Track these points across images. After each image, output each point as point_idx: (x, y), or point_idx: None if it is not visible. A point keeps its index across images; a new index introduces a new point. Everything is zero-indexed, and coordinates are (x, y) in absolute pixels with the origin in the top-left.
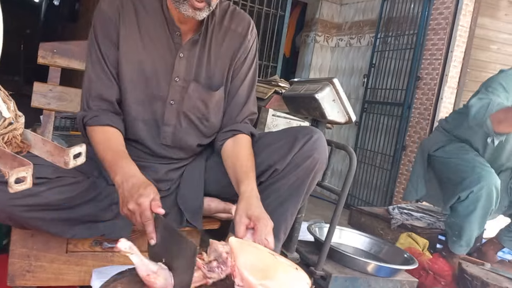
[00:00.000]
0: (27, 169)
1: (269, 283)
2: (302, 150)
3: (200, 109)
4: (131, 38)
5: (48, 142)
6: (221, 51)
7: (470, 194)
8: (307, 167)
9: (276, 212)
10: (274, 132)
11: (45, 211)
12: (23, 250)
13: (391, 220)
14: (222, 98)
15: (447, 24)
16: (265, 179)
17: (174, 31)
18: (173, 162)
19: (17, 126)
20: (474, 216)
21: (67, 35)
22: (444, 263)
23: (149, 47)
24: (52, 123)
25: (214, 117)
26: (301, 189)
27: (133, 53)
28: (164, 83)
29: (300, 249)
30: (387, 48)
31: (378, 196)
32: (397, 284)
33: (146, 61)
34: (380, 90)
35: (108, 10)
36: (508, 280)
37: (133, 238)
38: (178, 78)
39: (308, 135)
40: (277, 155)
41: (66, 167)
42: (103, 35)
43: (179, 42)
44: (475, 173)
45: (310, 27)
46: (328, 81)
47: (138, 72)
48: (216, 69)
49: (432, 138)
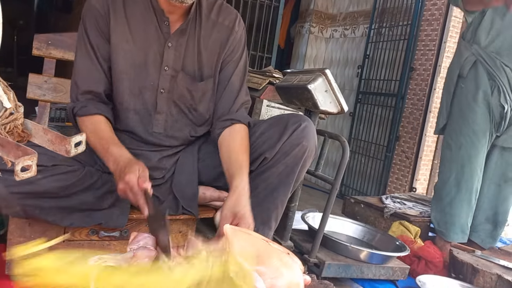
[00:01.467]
0: (32, 158)
1: (263, 269)
2: (291, 138)
3: (188, 99)
4: (120, 30)
5: (49, 131)
6: (209, 43)
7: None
8: (296, 155)
9: (266, 200)
10: (266, 120)
11: (42, 199)
12: (20, 239)
13: (384, 209)
14: (210, 89)
15: (441, 14)
16: (255, 168)
17: (163, 21)
18: (165, 149)
19: (18, 116)
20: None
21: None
22: (435, 250)
23: (138, 37)
24: (47, 114)
25: (201, 108)
26: (290, 177)
27: (123, 44)
28: (154, 72)
29: (294, 238)
30: (381, 39)
31: (372, 186)
32: (389, 270)
33: (136, 52)
34: (374, 81)
35: (97, 3)
36: (498, 267)
37: (129, 227)
38: (168, 67)
39: (297, 123)
40: (266, 144)
41: (68, 155)
42: (93, 28)
43: (168, 32)
44: (460, 176)
45: (304, 18)
46: (321, 72)
47: (129, 63)
48: (205, 61)
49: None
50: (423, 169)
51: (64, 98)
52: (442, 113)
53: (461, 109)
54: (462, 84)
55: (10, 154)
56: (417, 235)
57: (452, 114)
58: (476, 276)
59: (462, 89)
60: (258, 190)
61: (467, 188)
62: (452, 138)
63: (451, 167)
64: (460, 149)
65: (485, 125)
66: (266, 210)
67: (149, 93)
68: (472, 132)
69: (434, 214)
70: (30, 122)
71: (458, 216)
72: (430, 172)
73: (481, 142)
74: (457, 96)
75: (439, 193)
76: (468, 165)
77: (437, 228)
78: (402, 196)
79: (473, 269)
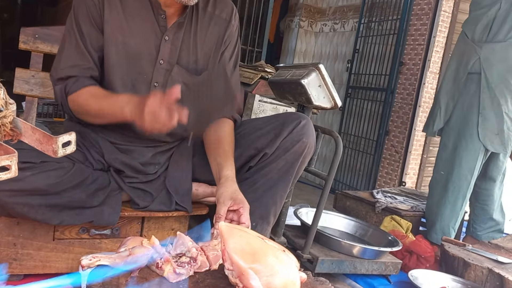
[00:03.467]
0: (11, 158)
1: (259, 267)
2: (292, 135)
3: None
4: (115, 21)
5: (37, 130)
6: (206, 37)
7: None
8: (296, 151)
9: (265, 196)
10: (262, 117)
11: (31, 196)
12: (9, 238)
13: (376, 204)
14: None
15: (430, 9)
16: (255, 163)
17: (160, 14)
18: (160, 145)
19: (7, 114)
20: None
21: (47, 19)
22: (427, 245)
23: (134, 29)
24: (35, 109)
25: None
26: (290, 173)
27: (118, 35)
28: (149, 65)
29: (287, 233)
30: (370, 34)
31: (361, 180)
32: (382, 265)
33: (131, 43)
34: (364, 76)
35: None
36: (488, 260)
37: (120, 225)
38: (163, 60)
39: (297, 120)
40: (265, 139)
41: (55, 155)
42: (85, 17)
43: (164, 25)
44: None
45: (294, 12)
46: (314, 67)
47: (122, 54)
48: (201, 54)
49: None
50: (413, 163)
51: (52, 93)
52: (439, 115)
53: (466, 109)
54: (469, 83)
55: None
56: (408, 229)
57: (454, 113)
58: (467, 270)
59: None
60: (257, 185)
61: (454, 191)
62: (450, 138)
63: (443, 167)
64: (454, 150)
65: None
66: (265, 205)
67: (143, 86)
68: (469, 136)
69: (425, 211)
70: (20, 121)
71: (440, 216)
72: (420, 166)
73: (476, 147)
74: (462, 95)
75: (430, 191)
76: (458, 168)
77: (427, 226)
78: (393, 191)
79: (464, 263)
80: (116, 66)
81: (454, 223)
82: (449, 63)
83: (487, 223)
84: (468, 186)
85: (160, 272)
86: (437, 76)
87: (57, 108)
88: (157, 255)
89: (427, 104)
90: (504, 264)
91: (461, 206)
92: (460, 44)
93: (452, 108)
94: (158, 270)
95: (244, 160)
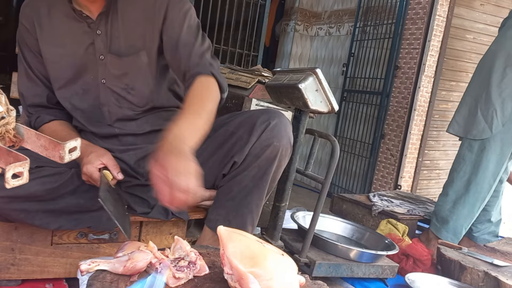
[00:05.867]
0: (23, 164)
1: (258, 270)
2: (261, 139)
3: (122, 79)
4: (48, 38)
5: (42, 136)
6: (134, 16)
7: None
8: (268, 157)
9: (241, 205)
10: (239, 114)
11: (28, 203)
12: (7, 243)
13: (372, 207)
14: (146, 62)
15: (425, 13)
16: (227, 171)
17: (83, 15)
18: (136, 148)
19: (10, 120)
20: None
21: None
22: (423, 248)
23: (68, 39)
24: None
25: (140, 84)
26: (264, 179)
27: (55, 50)
28: (93, 65)
29: (284, 237)
30: (366, 38)
31: (357, 184)
32: (379, 269)
33: (67, 54)
34: (359, 79)
35: (24, 21)
36: (484, 263)
37: (118, 230)
38: (103, 55)
39: (266, 122)
40: (237, 146)
41: (62, 161)
42: (24, 45)
43: (93, 21)
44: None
45: (289, 16)
46: (311, 71)
47: (63, 66)
48: (133, 35)
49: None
50: (408, 166)
51: None
52: (495, 117)
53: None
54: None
55: (1, 160)
56: (404, 233)
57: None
58: (463, 273)
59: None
60: (233, 193)
61: (475, 192)
62: (477, 140)
63: (467, 167)
64: (482, 151)
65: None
66: (241, 216)
67: (92, 88)
68: (501, 140)
69: (436, 208)
70: (22, 127)
71: (456, 216)
72: (415, 169)
73: (505, 153)
74: (504, 90)
75: (446, 189)
76: (483, 170)
77: (433, 221)
78: (389, 194)
79: (460, 266)
80: (62, 79)
81: (468, 225)
82: (495, 62)
83: (484, 224)
84: (489, 189)
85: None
86: (432, 80)
87: None
88: (156, 260)
89: (423, 108)
90: (500, 267)
91: (478, 208)
92: (510, 41)
93: (510, 109)
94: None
95: (219, 169)
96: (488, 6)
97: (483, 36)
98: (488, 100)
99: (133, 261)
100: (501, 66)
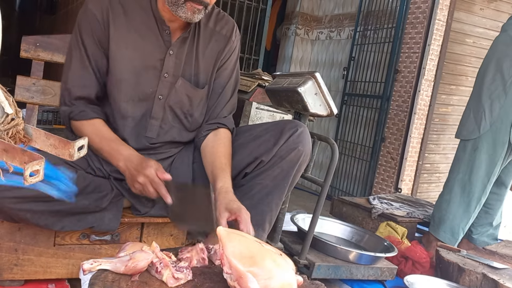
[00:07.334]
0: (40, 163)
1: (257, 270)
2: (288, 143)
3: (185, 104)
4: (121, 37)
5: (52, 136)
6: (207, 51)
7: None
8: (292, 160)
9: (261, 203)
10: (261, 124)
11: (34, 203)
12: (10, 244)
13: (372, 210)
14: (206, 96)
15: (425, 18)
16: (251, 170)
17: (164, 30)
18: (160, 152)
19: (19, 121)
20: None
21: (45, 27)
22: (422, 251)
23: (139, 45)
24: (35, 117)
25: (197, 114)
26: (285, 181)
27: (124, 51)
28: (154, 79)
29: (284, 239)
30: (366, 42)
31: (357, 187)
32: (378, 271)
33: (136, 59)
34: (360, 83)
35: (96, 11)
36: (483, 266)
37: (120, 231)
38: (168, 74)
39: (294, 128)
40: (263, 147)
41: (71, 159)
42: (89, 34)
43: (169, 40)
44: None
45: (290, 20)
46: (310, 75)
47: (128, 69)
48: (202, 68)
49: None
50: (408, 169)
51: (53, 100)
52: (483, 117)
53: (503, 113)
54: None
55: (15, 160)
56: (404, 235)
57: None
58: (462, 275)
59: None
60: (252, 192)
61: (470, 192)
62: (471, 140)
63: (460, 167)
64: (474, 151)
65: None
66: (261, 213)
67: (148, 99)
68: (493, 140)
69: (434, 209)
70: (30, 127)
71: (452, 215)
72: (415, 172)
73: (497, 152)
74: (493, 92)
75: (443, 189)
76: (476, 170)
77: (432, 223)
78: (389, 197)
79: (459, 268)
80: (122, 82)
81: (465, 225)
82: (488, 66)
83: (485, 227)
84: (483, 189)
85: (159, 276)
86: (432, 84)
87: (56, 115)
88: (157, 260)
89: (423, 111)
90: (499, 269)
91: (474, 208)
92: (501, 46)
93: (498, 110)
94: (158, 275)
95: (241, 167)
96: (488, 11)
97: (482, 40)
98: (479, 102)
99: (135, 261)
100: (492, 69)
